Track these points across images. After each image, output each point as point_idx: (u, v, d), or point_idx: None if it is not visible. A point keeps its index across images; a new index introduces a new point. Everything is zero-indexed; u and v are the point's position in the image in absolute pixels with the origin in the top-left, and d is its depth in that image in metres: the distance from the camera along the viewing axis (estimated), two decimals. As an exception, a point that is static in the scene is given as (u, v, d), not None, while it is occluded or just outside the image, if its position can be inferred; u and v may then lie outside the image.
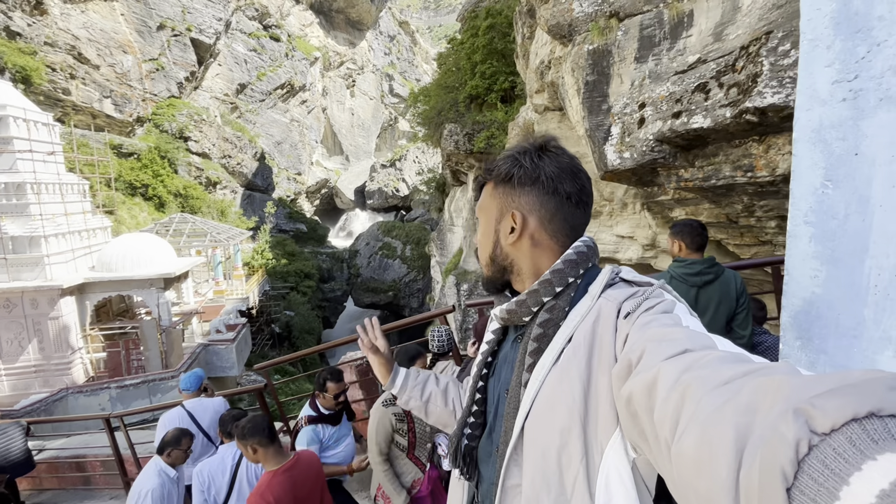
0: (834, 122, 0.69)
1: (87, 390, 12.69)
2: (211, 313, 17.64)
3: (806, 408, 0.32)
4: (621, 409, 0.60)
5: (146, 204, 24.70)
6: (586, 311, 0.75)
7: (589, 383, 0.69)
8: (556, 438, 0.69)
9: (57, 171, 14.65)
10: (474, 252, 0.98)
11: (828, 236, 0.71)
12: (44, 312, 13.08)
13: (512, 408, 0.78)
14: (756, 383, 0.40)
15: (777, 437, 0.32)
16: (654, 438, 0.50)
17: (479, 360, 0.93)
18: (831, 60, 0.68)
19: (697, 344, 0.55)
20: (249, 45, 35.82)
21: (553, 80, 6.46)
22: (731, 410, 0.39)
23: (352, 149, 51.51)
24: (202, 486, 2.62)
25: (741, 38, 3.72)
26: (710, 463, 0.38)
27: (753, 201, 4.32)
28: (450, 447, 0.92)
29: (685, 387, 0.46)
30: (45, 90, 22.38)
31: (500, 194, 0.86)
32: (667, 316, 0.65)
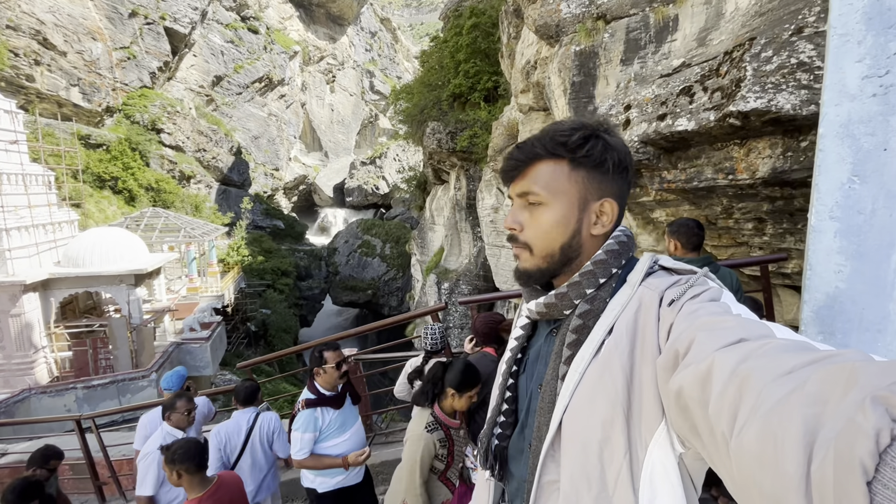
0: (863, 117, 0.69)
1: (52, 391, 12.13)
2: (184, 311, 17.11)
3: (886, 395, 0.31)
4: (669, 402, 0.57)
5: (115, 197, 23.78)
6: (626, 301, 0.72)
7: (632, 375, 0.67)
8: (598, 432, 0.67)
9: (20, 161, 13.94)
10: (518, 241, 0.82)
11: (853, 231, 0.71)
12: (4, 309, 12.44)
13: (547, 402, 0.75)
14: (824, 371, 0.38)
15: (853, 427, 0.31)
16: (709, 433, 0.48)
17: (508, 357, 0.90)
18: (862, 56, 0.69)
19: (753, 332, 0.52)
20: (226, 37, 34.90)
21: (539, 80, 6.51)
22: (797, 401, 0.37)
23: (331, 145, 50.82)
24: (219, 444, 2.95)
25: (725, 43, 3.82)
26: (775, 458, 0.36)
27: (732, 203, 4.44)
28: (479, 448, 0.90)
29: (743, 378, 0.44)
30: (6, 76, 21.27)
31: (584, 179, 0.78)
32: (715, 304, 0.63)
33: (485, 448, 0.88)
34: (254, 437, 3.06)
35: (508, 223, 0.82)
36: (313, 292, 30.47)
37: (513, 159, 0.81)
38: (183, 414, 2.87)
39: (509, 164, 0.82)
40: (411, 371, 2.92)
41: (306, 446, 2.52)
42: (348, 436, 2.66)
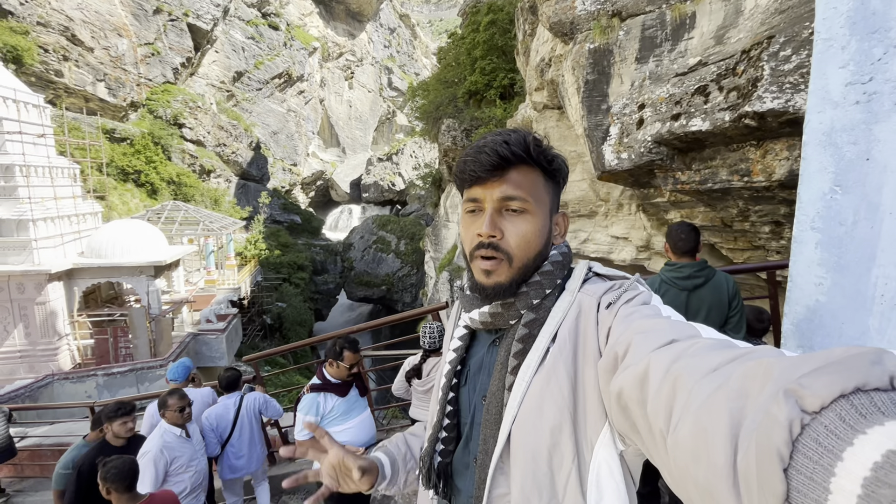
0: (846, 125, 0.67)
1: (74, 377, 12.54)
2: (202, 303, 17.49)
3: (795, 388, 0.33)
4: (611, 403, 0.59)
5: (138, 190, 24.39)
6: (567, 307, 0.74)
7: (576, 379, 0.68)
8: (547, 438, 0.68)
9: (47, 154, 14.40)
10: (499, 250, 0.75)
11: (834, 243, 0.69)
12: (30, 297, 12.90)
13: (493, 414, 0.74)
14: (744, 368, 0.40)
15: (770, 419, 0.33)
16: (648, 431, 0.50)
17: (447, 369, 0.86)
18: (846, 61, 0.66)
19: (682, 333, 0.55)
20: (247, 33, 35.40)
21: (553, 77, 6.44)
22: (722, 396, 0.39)
23: (348, 141, 51.19)
24: (212, 426, 3.39)
25: (743, 41, 3.71)
26: (706, 451, 0.38)
27: (748, 206, 4.33)
28: (421, 468, 0.86)
29: (676, 377, 0.46)
30: (36, 71, 21.97)
31: (551, 190, 0.79)
32: (647, 307, 0.66)
33: (427, 467, 0.85)
34: (242, 416, 3.48)
35: (487, 230, 0.73)
36: (328, 287, 30.81)
37: (497, 156, 0.72)
38: (175, 412, 2.90)
39: (490, 160, 0.72)
40: (409, 369, 2.93)
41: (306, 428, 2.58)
42: (352, 424, 2.69)
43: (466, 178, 0.77)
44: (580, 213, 7.78)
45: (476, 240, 0.76)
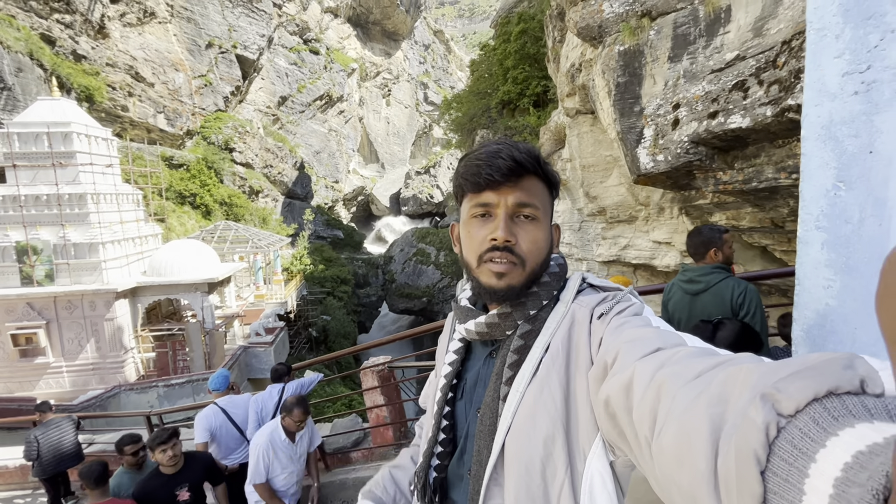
0: (845, 117, 0.62)
1: (138, 388, 13.45)
2: (251, 317, 18.32)
3: (771, 392, 0.33)
4: (599, 411, 0.60)
5: (194, 212, 26.05)
6: (561, 318, 0.75)
7: (569, 389, 0.69)
8: (540, 449, 0.68)
9: (114, 183, 15.71)
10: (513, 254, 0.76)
11: (841, 243, 0.64)
12: (100, 314, 14.00)
13: (487, 425, 0.74)
14: (725, 374, 0.41)
15: (748, 422, 0.33)
16: (634, 437, 0.50)
17: (442, 382, 0.86)
18: (841, 51, 0.62)
19: (668, 342, 0.56)
20: (290, 59, 37.28)
21: (584, 82, 6.34)
22: (704, 402, 0.39)
23: (387, 156, 52.44)
24: (256, 408, 3.67)
25: (783, 32, 3.52)
26: (689, 455, 0.38)
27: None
28: (416, 483, 0.86)
29: (660, 384, 0.47)
30: (105, 107, 24.12)
31: (550, 202, 0.81)
32: (638, 318, 0.66)
33: (422, 482, 0.84)
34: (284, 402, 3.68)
35: (504, 234, 0.74)
36: (370, 299, 31.42)
37: (513, 162, 0.73)
38: (296, 421, 3.03)
39: (507, 165, 0.73)
40: None
41: None
42: None
43: (480, 182, 0.76)
44: (619, 219, 7.55)
45: (488, 244, 0.75)
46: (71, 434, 4.92)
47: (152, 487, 2.93)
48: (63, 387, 13.87)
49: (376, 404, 3.91)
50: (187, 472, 3.03)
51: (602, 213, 7.78)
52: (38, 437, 4.77)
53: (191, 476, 3.05)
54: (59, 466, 4.82)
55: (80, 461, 4.92)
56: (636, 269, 7.71)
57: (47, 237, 13.82)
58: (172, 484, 2.96)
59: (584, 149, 7.35)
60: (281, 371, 3.94)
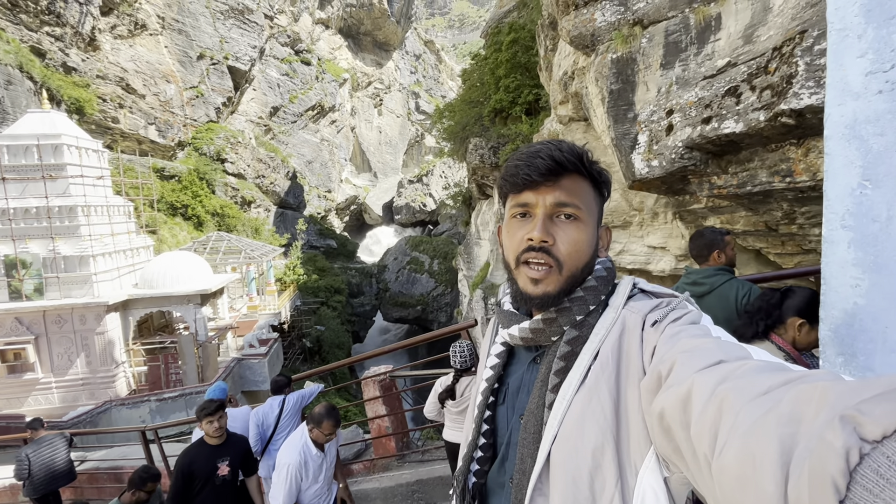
0: (870, 116, 0.63)
1: (129, 403, 13.20)
2: (245, 328, 18.13)
3: (853, 414, 0.31)
4: (653, 424, 0.58)
5: (186, 223, 25.84)
6: (611, 325, 0.71)
7: (619, 399, 0.66)
8: (589, 460, 0.65)
9: (105, 195, 15.56)
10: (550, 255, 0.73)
11: (869, 241, 0.64)
12: (91, 328, 13.78)
13: (531, 433, 0.72)
14: (797, 391, 0.38)
15: (825, 446, 0.31)
16: (692, 454, 0.48)
17: (483, 386, 0.85)
18: (864, 50, 0.63)
19: (731, 354, 0.53)
20: (282, 70, 37.37)
21: (577, 90, 6.41)
22: (773, 421, 0.37)
23: (380, 166, 52.52)
24: (257, 421, 3.68)
25: (773, 38, 3.58)
26: (754, 477, 0.36)
27: (794, 208, 4.10)
28: (456, 487, 0.85)
29: (722, 399, 0.44)
30: (96, 119, 23.96)
31: (598, 203, 0.79)
32: (695, 327, 0.63)
33: (461, 486, 0.82)
34: (284, 415, 3.78)
35: (541, 234, 0.72)
36: (364, 309, 31.25)
37: (552, 161, 0.72)
38: (326, 434, 2.89)
39: (545, 164, 0.72)
40: (442, 391, 2.89)
41: None
42: None
43: (519, 182, 0.75)
44: (613, 224, 7.60)
45: (525, 244, 0.74)
46: (63, 452, 4.80)
47: (196, 454, 2.95)
48: (52, 403, 13.58)
49: (378, 414, 3.86)
50: (229, 449, 3.05)
51: (597, 219, 7.83)
52: (29, 455, 4.65)
53: (232, 453, 3.07)
54: (50, 485, 4.69)
55: (73, 479, 4.80)
56: (631, 274, 7.75)
57: (37, 250, 13.61)
58: (215, 455, 2.98)
59: (579, 155, 7.41)
60: (281, 383, 3.92)
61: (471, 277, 18.11)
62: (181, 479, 2.84)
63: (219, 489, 2.97)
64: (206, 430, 3.00)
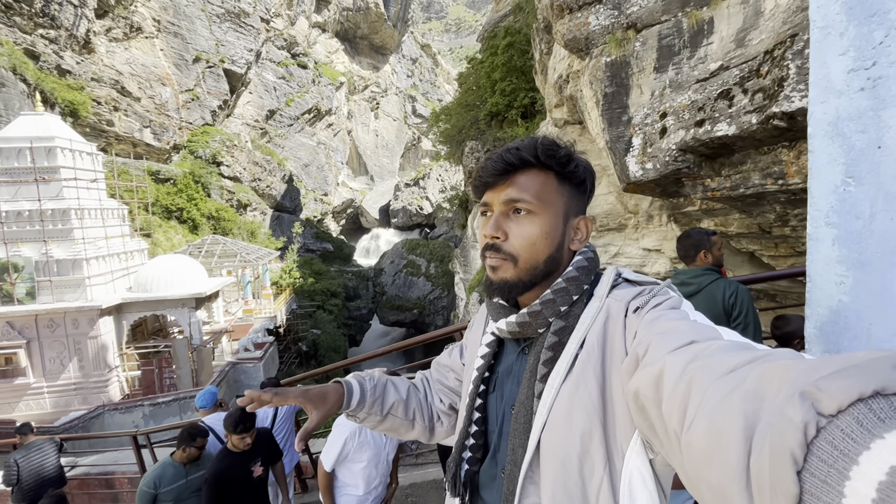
0: (852, 113, 0.63)
1: (123, 408, 13.07)
2: (240, 332, 18.02)
3: (812, 390, 0.32)
4: (630, 403, 0.60)
5: (181, 227, 25.72)
6: (596, 313, 0.73)
7: (605, 384, 0.68)
8: (577, 446, 0.67)
9: (99, 198, 15.46)
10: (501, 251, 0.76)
11: (853, 238, 0.64)
12: (84, 332, 13.65)
13: (521, 423, 0.73)
14: (761, 369, 0.40)
15: (785, 421, 0.32)
16: (664, 431, 0.50)
17: (474, 376, 0.86)
18: (846, 48, 0.63)
19: (703, 335, 0.55)
20: (278, 73, 37.35)
21: (572, 93, 6.44)
22: (737, 398, 0.39)
23: (376, 169, 52.53)
24: None
25: (765, 42, 3.62)
26: (720, 452, 0.38)
27: (787, 210, 4.13)
28: (447, 475, 0.86)
29: (691, 377, 0.46)
30: (90, 122, 23.84)
31: (568, 194, 0.79)
32: (674, 311, 0.65)
33: (453, 475, 0.84)
34: (278, 419, 3.71)
35: (490, 231, 0.76)
36: (361, 312, 31.16)
37: (502, 162, 0.76)
38: None
39: (496, 166, 0.76)
40: None
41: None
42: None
43: (479, 185, 0.81)
44: (609, 227, 7.62)
45: (483, 241, 0.79)
46: (53, 457, 4.74)
47: (227, 466, 2.83)
48: (44, 408, 13.43)
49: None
50: (258, 449, 2.95)
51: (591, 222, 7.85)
52: (18, 460, 4.59)
53: (260, 450, 2.98)
54: (40, 491, 4.62)
55: (63, 485, 4.73)
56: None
57: (29, 254, 13.49)
58: (246, 461, 2.89)
59: (574, 157, 7.44)
60: (273, 385, 3.85)
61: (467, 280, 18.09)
62: (217, 490, 2.72)
63: (256, 488, 2.94)
64: (236, 444, 2.85)
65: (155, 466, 3.06)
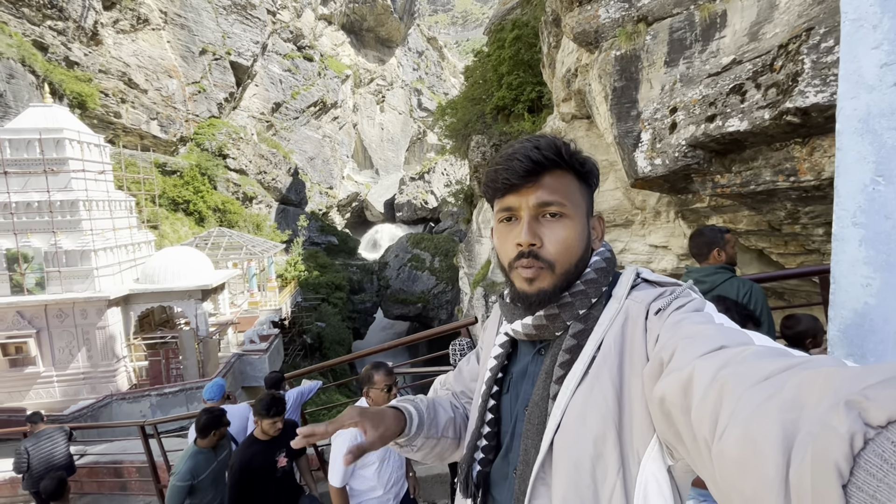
0: (884, 109, 0.61)
1: (130, 397, 13.24)
2: (245, 324, 18.15)
3: (858, 399, 0.31)
4: (654, 409, 0.58)
5: (187, 219, 25.85)
6: (614, 315, 0.71)
7: (622, 387, 0.66)
8: (590, 448, 0.65)
9: (106, 189, 15.56)
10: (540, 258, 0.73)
11: (881, 239, 0.62)
12: (92, 322, 13.80)
13: (535, 423, 0.72)
14: (800, 377, 0.38)
15: (828, 431, 0.31)
16: (692, 439, 0.48)
17: (487, 376, 0.85)
18: (879, 41, 0.61)
19: (733, 340, 0.53)
20: (284, 66, 37.28)
21: (580, 87, 6.37)
22: (774, 406, 0.37)
23: (381, 163, 52.46)
24: None
25: (779, 36, 3.55)
26: (755, 462, 0.36)
27: (798, 207, 4.08)
28: (459, 475, 0.85)
29: (723, 384, 0.44)
30: (98, 114, 23.95)
31: (586, 194, 0.78)
32: (699, 314, 0.63)
33: (465, 474, 0.83)
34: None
35: (527, 238, 0.71)
36: (365, 305, 31.28)
37: (530, 162, 0.71)
38: (382, 391, 2.49)
39: (524, 166, 0.71)
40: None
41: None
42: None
43: (499, 188, 0.75)
44: (616, 223, 7.57)
45: (515, 250, 0.74)
46: (63, 445, 4.81)
47: (252, 455, 2.73)
48: (53, 397, 13.62)
49: (377, 410, 3.85)
50: (284, 439, 2.83)
51: (599, 218, 7.81)
52: (28, 448, 4.66)
53: (286, 440, 2.83)
54: (49, 479, 4.70)
55: (72, 473, 4.80)
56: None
57: (38, 244, 13.63)
58: (271, 450, 2.79)
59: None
60: (276, 378, 3.82)
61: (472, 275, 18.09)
62: (241, 479, 2.65)
63: (280, 480, 2.83)
64: (267, 430, 2.77)
65: (184, 459, 2.96)
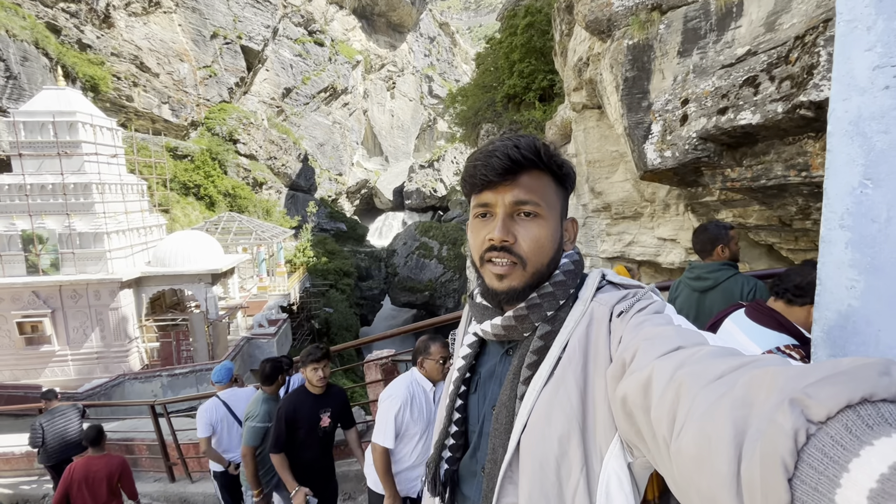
0: (875, 112, 0.61)
1: (142, 377, 13.56)
2: (254, 308, 18.40)
3: (801, 397, 0.33)
4: (616, 409, 0.59)
5: (198, 203, 26.09)
6: (580, 317, 0.73)
7: (586, 388, 0.67)
8: (555, 447, 0.67)
9: (119, 173, 15.74)
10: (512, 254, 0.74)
11: (867, 242, 0.62)
12: (105, 303, 14.09)
13: (503, 424, 0.74)
14: (749, 376, 0.40)
15: (775, 428, 0.33)
16: (652, 437, 0.50)
17: (455, 376, 0.86)
18: (872, 43, 0.60)
19: (689, 340, 0.55)
20: (295, 51, 37.11)
21: (591, 77, 6.28)
22: (727, 405, 0.39)
23: (391, 150, 52.31)
24: None
25: (796, 27, 3.46)
26: (709, 459, 0.38)
27: (809, 203, 4.01)
28: (427, 474, 0.87)
29: (679, 383, 0.46)
30: (110, 97, 24.11)
31: (561, 196, 0.79)
32: (659, 316, 0.65)
33: (433, 473, 0.84)
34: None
35: (500, 234, 0.73)
36: (373, 292, 31.50)
37: (508, 160, 0.72)
38: (437, 362, 2.44)
39: (502, 164, 0.72)
40: None
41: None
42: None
43: (477, 183, 0.76)
44: (624, 215, 7.50)
45: (487, 244, 0.75)
46: (76, 422, 4.96)
47: (300, 402, 2.83)
48: (68, 375, 14.00)
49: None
50: (330, 400, 2.90)
51: (607, 209, 7.75)
52: (43, 424, 4.82)
53: (333, 403, 2.91)
54: (63, 454, 4.86)
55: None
56: (640, 265, 7.69)
57: (52, 226, 13.88)
58: (318, 406, 2.85)
59: (590, 144, 7.30)
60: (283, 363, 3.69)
61: (479, 264, 18.08)
62: (285, 424, 2.75)
63: (321, 440, 2.87)
64: (310, 378, 2.81)
65: (257, 403, 3.09)
